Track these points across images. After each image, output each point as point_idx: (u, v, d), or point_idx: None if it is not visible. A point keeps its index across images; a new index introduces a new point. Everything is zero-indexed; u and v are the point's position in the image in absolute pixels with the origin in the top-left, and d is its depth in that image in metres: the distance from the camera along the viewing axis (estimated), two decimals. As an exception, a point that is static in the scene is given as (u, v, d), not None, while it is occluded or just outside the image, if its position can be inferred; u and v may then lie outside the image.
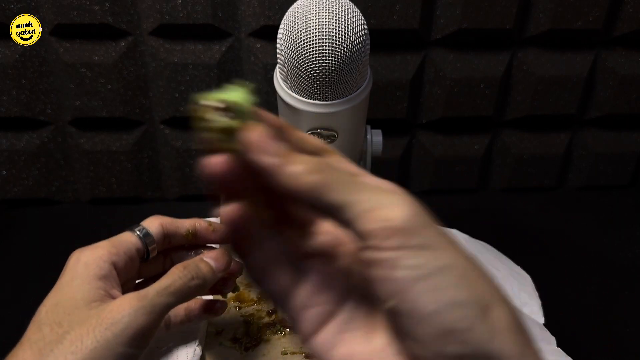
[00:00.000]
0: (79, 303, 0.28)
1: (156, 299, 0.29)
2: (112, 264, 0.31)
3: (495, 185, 0.71)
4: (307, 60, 0.40)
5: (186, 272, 0.31)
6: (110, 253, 0.31)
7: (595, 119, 0.68)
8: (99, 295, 0.29)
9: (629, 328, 0.48)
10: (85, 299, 0.28)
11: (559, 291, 0.51)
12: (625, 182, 0.72)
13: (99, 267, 0.30)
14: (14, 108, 0.59)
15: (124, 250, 0.32)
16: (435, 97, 0.64)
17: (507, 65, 0.63)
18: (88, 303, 0.28)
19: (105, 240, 0.32)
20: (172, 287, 0.30)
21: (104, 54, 0.58)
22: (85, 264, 0.30)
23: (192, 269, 0.32)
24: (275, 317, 0.46)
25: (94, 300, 0.29)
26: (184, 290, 0.31)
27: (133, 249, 0.33)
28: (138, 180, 0.65)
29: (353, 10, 0.40)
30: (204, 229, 0.37)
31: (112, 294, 0.30)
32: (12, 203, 0.64)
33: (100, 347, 0.27)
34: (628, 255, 0.58)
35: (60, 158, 0.63)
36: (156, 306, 0.29)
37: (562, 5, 0.59)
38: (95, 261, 0.30)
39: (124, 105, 0.60)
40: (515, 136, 0.68)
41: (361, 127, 0.50)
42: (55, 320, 0.28)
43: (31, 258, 0.55)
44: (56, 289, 0.29)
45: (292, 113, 0.45)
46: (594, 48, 0.63)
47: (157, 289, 0.30)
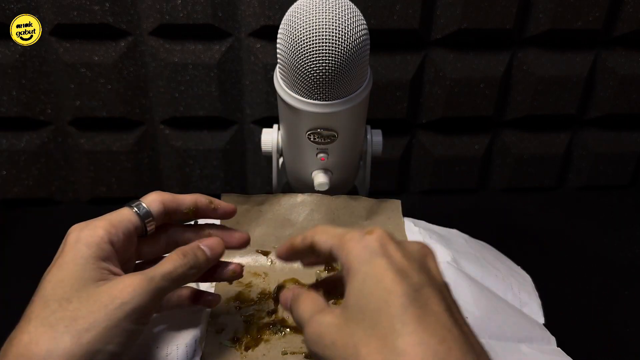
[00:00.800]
0: (87, 282, 0.29)
1: (160, 283, 0.31)
2: (111, 244, 0.31)
3: (495, 185, 0.71)
4: (307, 60, 0.40)
5: (186, 260, 0.33)
6: (109, 233, 0.31)
7: (595, 119, 0.68)
8: (103, 274, 0.30)
9: (629, 328, 0.48)
10: (93, 278, 0.29)
11: (559, 291, 0.51)
12: (625, 182, 0.72)
13: (100, 248, 0.30)
14: (14, 108, 0.59)
15: (122, 229, 0.32)
16: (435, 97, 0.64)
17: (507, 65, 0.63)
18: (95, 281, 0.29)
19: (103, 218, 0.32)
20: (174, 273, 0.31)
21: (104, 54, 0.58)
22: (87, 245, 0.30)
23: (191, 257, 0.33)
24: (275, 317, 0.46)
25: (100, 279, 0.29)
26: (182, 277, 0.32)
27: (132, 228, 0.33)
28: (138, 180, 0.65)
29: (353, 10, 0.40)
30: (205, 205, 0.37)
31: (115, 272, 0.31)
32: (12, 203, 0.64)
33: (112, 325, 0.28)
34: (628, 255, 0.58)
35: (60, 158, 0.63)
36: (160, 289, 0.31)
37: (562, 5, 0.59)
38: (96, 242, 0.30)
39: (124, 105, 0.60)
40: (515, 136, 0.68)
41: (361, 127, 0.50)
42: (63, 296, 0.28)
43: (31, 258, 0.55)
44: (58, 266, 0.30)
45: (292, 113, 0.45)
46: (594, 48, 0.63)
47: (162, 273, 0.31)
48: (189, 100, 0.61)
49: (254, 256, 0.52)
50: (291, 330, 0.45)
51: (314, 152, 0.48)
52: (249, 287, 0.49)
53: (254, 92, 0.62)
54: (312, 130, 0.45)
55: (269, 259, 0.52)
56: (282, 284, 0.50)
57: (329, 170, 0.50)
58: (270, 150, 0.53)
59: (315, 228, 0.32)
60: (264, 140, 0.52)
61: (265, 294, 0.49)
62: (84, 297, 0.28)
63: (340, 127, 0.46)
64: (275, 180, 0.55)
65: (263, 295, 0.48)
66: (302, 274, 0.51)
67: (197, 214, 0.37)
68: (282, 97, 0.44)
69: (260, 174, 0.68)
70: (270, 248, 0.52)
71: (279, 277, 0.50)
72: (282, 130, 0.50)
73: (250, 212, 0.53)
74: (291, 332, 0.45)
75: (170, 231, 0.38)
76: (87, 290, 0.28)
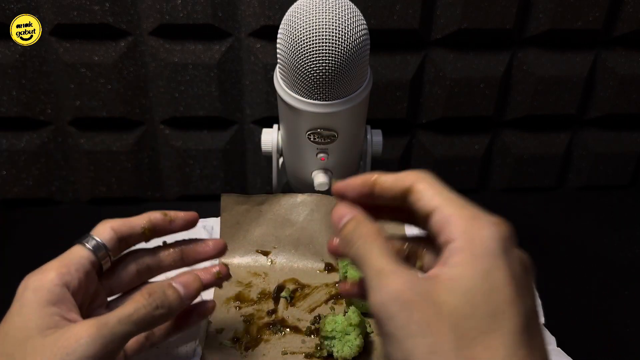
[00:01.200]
0: (32, 332, 0.26)
1: (117, 328, 0.27)
2: (64, 285, 0.29)
3: (495, 185, 0.71)
4: (307, 60, 0.40)
5: (151, 300, 0.29)
6: (61, 274, 0.29)
7: (595, 119, 0.68)
8: (53, 321, 0.27)
9: (629, 328, 0.48)
10: (39, 327, 0.27)
11: (559, 291, 0.51)
12: (625, 182, 0.72)
13: (49, 291, 0.28)
14: (14, 108, 0.59)
15: (76, 267, 0.30)
16: (435, 97, 0.64)
17: (507, 65, 0.63)
18: (42, 331, 0.27)
19: (55, 260, 0.30)
20: (135, 315, 0.28)
21: (104, 54, 0.58)
22: (34, 290, 0.28)
23: (157, 296, 0.30)
24: (275, 317, 0.46)
25: (48, 327, 0.27)
26: (147, 319, 0.29)
27: (86, 263, 0.31)
28: (138, 180, 0.65)
29: (353, 10, 0.40)
30: (161, 220, 0.35)
31: (69, 318, 0.28)
32: (12, 203, 0.64)
33: None
34: (628, 255, 0.58)
35: (60, 158, 0.63)
36: (116, 335, 0.27)
37: (562, 5, 0.59)
38: (44, 286, 0.28)
39: (124, 105, 0.60)
40: (515, 136, 0.68)
41: (361, 127, 0.50)
42: (6, 352, 0.26)
43: (31, 258, 0.55)
44: (6, 319, 0.28)
45: (292, 113, 0.45)
46: (594, 48, 0.63)
47: (118, 317, 0.28)
48: (189, 100, 0.61)
49: (254, 256, 0.52)
50: (291, 330, 0.45)
51: (314, 152, 0.48)
52: (249, 287, 0.49)
53: (254, 92, 0.62)
54: (312, 130, 0.45)
55: (269, 259, 0.52)
56: (282, 284, 0.50)
57: (329, 170, 0.50)
58: (270, 150, 0.53)
59: (413, 175, 0.26)
60: (264, 140, 0.52)
61: (265, 294, 0.49)
62: (28, 351, 0.26)
63: (340, 127, 0.45)
64: (275, 180, 0.55)
65: (263, 295, 0.48)
66: (302, 274, 0.51)
67: (155, 231, 0.35)
68: (282, 97, 0.44)
69: (260, 174, 0.68)
70: (270, 248, 0.52)
71: (279, 277, 0.50)
72: (282, 130, 0.50)
73: (250, 212, 0.53)
74: (291, 332, 0.45)
75: (140, 258, 0.35)
76: (31, 342, 0.26)
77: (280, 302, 0.48)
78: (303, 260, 0.52)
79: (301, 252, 0.52)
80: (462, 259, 0.22)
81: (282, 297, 0.48)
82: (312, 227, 0.52)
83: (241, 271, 0.51)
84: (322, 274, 0.51)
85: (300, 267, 0.52)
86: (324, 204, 0.52)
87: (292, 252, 0.52)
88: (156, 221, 0.34)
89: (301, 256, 0.52)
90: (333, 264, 0.52)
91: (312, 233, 0.52)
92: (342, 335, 0.40)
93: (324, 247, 0.52)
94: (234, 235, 0.52)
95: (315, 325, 0.45)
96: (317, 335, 0.44)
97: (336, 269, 0.52)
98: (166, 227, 0.35)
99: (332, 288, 0.49)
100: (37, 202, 0.65)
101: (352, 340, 0.40)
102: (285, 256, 0.52)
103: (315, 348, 0.42)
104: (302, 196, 0.53)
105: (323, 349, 0.41)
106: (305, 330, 0.44)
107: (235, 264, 0.51)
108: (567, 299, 0.51)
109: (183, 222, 0.36)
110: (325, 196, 0.52)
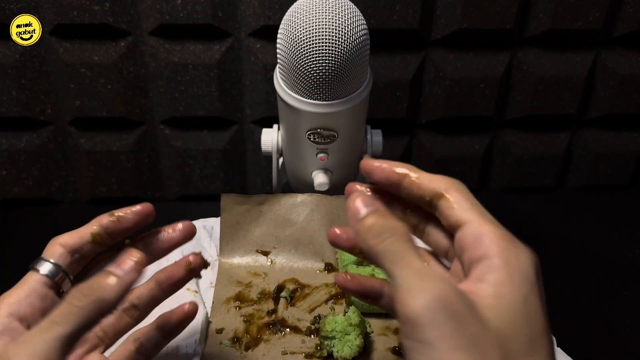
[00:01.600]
0: None
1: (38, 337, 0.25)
2: (9, 315, 0.28)
3: (495, 185, 0.71)
4: (307, 60, 0.40)
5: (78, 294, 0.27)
6: (7, 305, 0.28)
7: (595, 119, 0.68)
8: None
9: (629, 328, 0.48)
10: None
11: (559, 291, 0.51)
12: (625, 182, 0.72)
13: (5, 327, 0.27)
14: (14, 108, 0.59)
15: (26, 293, 0.29)
16: (435, 97, 0.64)
17: (507, 65, 0.63)
18: None
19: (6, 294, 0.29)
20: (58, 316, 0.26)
21: (104, 54, 0.58)
22: None
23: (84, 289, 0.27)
24: (275, 317, 0.46)
25: None
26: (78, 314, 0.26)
27: (38, 286, 0.29)
28: (138, 180, 0.65)
29: (353, 10, 0.40)
30: (110, 223, 0.32)
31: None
32: (12, 203, 0.64)
33: None
34: (628, 255, 0.58)
35: (60, 158, 0.63)
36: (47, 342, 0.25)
37: (562, 5, 0.59)
38: None
39: (124, 105, 0.61)
40: (515, 136, 0.68)
41: (361, 127, 0.50)
42: None
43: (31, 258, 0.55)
44: None
45: (292, 113, 0.45)
46: (594, 48, 0.63)
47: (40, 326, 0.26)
48: (189, 100, 0.61)
49: (254, 256, 0.52)
50: (291, 330, 0.45)
51: (314, 152, 0.48)
52: (249, 287, 0.49)
53: (254, 92, 0.62)
54: (312, 130, 0.45)
55: (269, 259, 0.52)
56: (282, 284, 0.50)
57: (329, 170, 0.50)
58: (270, 150, 0.53)
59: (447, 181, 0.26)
60: (264, 140, 0.52)
61: (265, 294, 0.49)
62: None
63: (340, 127, 0.46)
64: (275, 180, 0.55)
65: (263, 295, 0.48)
66: (302, 274, 0.51)
67: (110, 235, 0.32)
68: (282, 97, 0.44)
69: (260, 174, 0.68)
70: (270, 248, 0.53)
71: (278, 277, 0.50)
72: (282, 130, 0.50)
73: (250, 212, 0.53)
74: (291, 332, 0.45)
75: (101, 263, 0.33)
76: None
77: (280, 302, 0.48)
78: (303, 260, 0.52)
79: (301, 252, 0.52)
80: (501, 279, 0.22)
81: (282, 297, 0.48)
82: (312, 227, 0.52)
83: (241, 271, 0.51)
84: (322, 274, 0.51)
85: (300, 267, 0.52)
86: (324, 204, 0.52)
87: (292, 252, 0.52)
88: (105, 224, 0.32)
89: (301, 256, 0.52)
90: (333, 264, 0.52)
91: (312, 233, 0.52)
92: (342, 335, 0.41)
93: (324, 247, 0.52)
94: (234, 235, 0.52)
95: (315, 325, 0.45)
96: (317, 335, 0.44)
97: (336, 268, 0.52)
98: (118, 228, 0.32)
99: (332, 288, 0.49)
100: (37, 202, 0.65)
101: (352, 340, 0.40)
102: (285, 256, 0.52)
103: (315, 348, 0.42)
104: (302, 196, 0.53)
105: (323, 349, 0.41)
106: (305, 330, 0.44)
107: (235, 264, 0.51)
108: (567, 299, 0.51)
109: (135, 217, 0.33)
110: (325, 196, 0.52)
